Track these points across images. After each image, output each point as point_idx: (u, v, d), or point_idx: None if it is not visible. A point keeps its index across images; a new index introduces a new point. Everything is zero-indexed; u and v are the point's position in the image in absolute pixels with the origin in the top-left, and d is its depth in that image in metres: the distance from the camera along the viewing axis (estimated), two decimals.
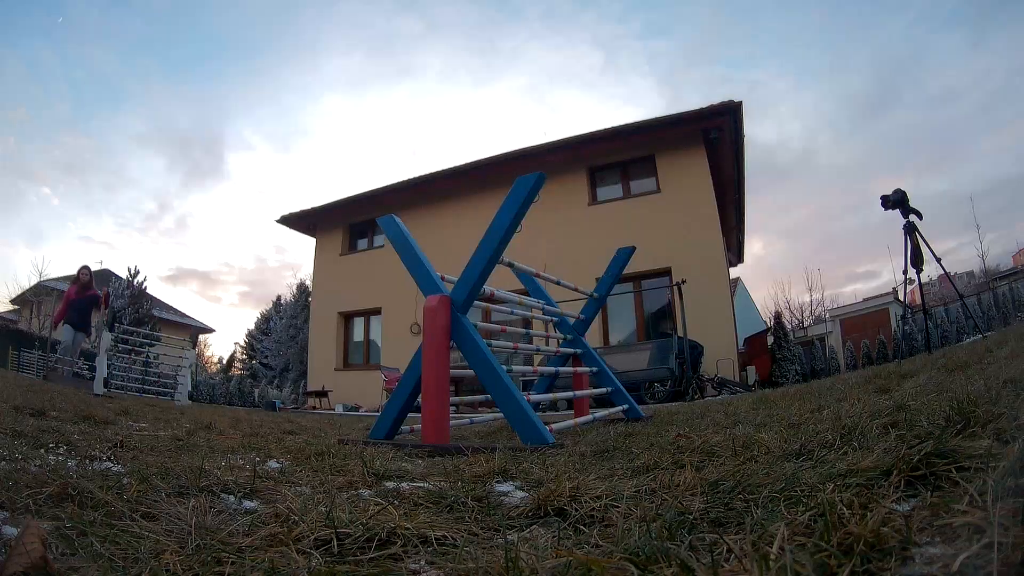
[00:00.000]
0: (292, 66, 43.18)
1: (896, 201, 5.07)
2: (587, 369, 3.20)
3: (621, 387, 3.10)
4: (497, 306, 2.51)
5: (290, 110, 47.72)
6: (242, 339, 24.22)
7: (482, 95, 47.00)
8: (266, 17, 36.70)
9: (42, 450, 1.31)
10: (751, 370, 9.61)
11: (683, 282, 8.27)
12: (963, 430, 0.93)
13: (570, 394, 2.99)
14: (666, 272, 9.69)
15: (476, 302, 2.28)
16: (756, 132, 37.59)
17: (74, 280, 7.51)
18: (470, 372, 2.20)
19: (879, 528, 0.52)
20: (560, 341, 3.37)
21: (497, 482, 1.17)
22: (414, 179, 12.32)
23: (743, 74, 40.86)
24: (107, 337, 6.75)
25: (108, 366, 6.57)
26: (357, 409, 10.63)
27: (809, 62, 43.92)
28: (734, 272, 17.42)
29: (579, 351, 3.25)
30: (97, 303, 7.37)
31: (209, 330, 25.24)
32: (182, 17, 33.39)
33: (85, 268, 7.47)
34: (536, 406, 2.91)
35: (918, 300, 6.24)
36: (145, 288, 18.35)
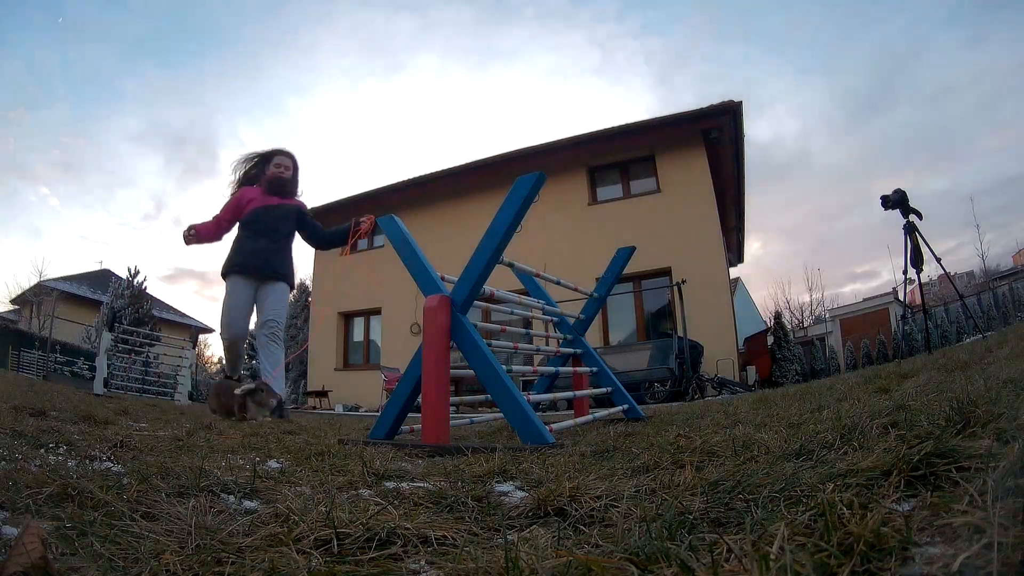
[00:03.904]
0: (288, 65, 43.30)
1: (896, 201, 5.07)
2: (587, 369, 3.19)
3: (621, 387, 3.10)
4: (497, 306, 2.51)
5: (287, 110, 47.96)
6: None
7: (480, 94, 47.10)
8: (262, 16, 36.80)
9: (42, 450, 1.31)
10: (751, 370, 9.61)
11: (683, 282, 8.28)
12: (963, 430, 0.93)
13: (570, 394, 2.99)
14: (666, 272, 9.69)
15: (476, 302, 2.27)
16: (753, 130, 37.70)
17: (253, 177, 3.72)
18: (470, 372, 2.20)
19: (879, 528, 0.52)
20: (560, 341, 3.37)
21: (497, 482, 1.17)
22: (414, 179, 12.33)
23: (740, 72, 40.96)
24: (107, 337, 6.74)
25: (108, 366, 6.56)
26: (357, 409, 10.62)
27: (806, 60, 44.05)
28: (734, 272, 17.42)
29: (579, 351, 3.25)
30: (345, 234, 3.56)
31: (209, 330, 25.25)
32: (177, 17, 33.49)
33: (285, 155, 3.72)
34: (536, 406, 2.91)
35: (918, 300, 6.24)
36: (145, 288, 18.36)
